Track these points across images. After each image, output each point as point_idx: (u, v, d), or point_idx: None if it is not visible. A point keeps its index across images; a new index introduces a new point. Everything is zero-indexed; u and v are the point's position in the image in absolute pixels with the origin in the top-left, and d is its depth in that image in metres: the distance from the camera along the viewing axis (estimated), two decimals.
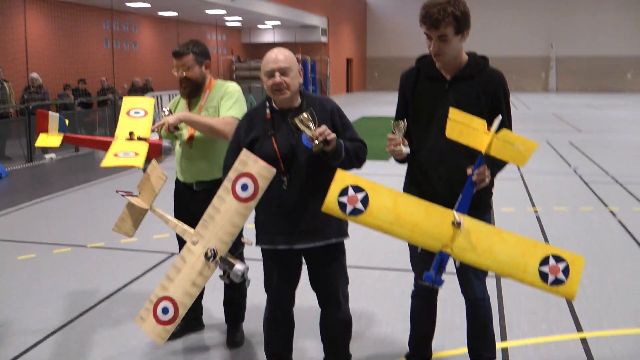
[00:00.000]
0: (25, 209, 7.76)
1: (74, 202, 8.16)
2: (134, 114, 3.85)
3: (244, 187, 2.70)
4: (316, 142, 2.76)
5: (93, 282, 5.06)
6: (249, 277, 2.78)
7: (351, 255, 3.45)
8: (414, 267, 3.22)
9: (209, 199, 2.89)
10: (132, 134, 3.63)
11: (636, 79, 36.53)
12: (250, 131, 3.03)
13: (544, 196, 8.09)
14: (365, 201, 2.64)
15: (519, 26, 37.01)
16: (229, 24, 27.00)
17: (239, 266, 2.74)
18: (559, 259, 2.58)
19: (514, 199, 7.88)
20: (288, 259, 3.08)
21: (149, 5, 19.11)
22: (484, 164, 2.70)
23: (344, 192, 2.64)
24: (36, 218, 7.35)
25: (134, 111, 3.88)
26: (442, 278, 2.64)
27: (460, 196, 2.70)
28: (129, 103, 3.94)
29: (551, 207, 7.50)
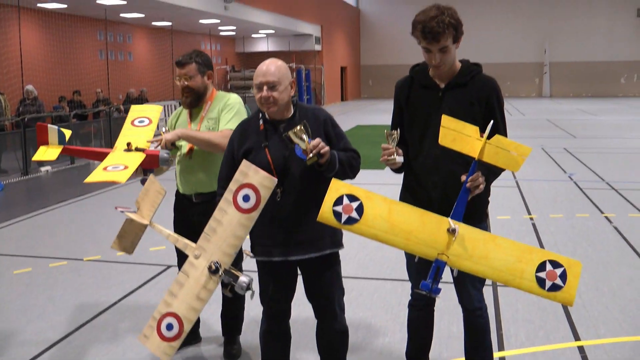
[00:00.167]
0: (21, 222, 7.73)
1: (70, 215, 8.13)
2: (138, 123, 3.85)
3: (246, 198, 2.70)
4: (310, 155, 2.77)
5: (90, 296, 5.04)
6: (253, 289, 2.77)
7: (347, 266, 3.45)
8: (410, 277, 3.23)
9: (207, 210, 2.88)
10: (129, 144, 3.63)
11: (629, 83, 36.73)
12: (244, 142, 3.03)
13: (539, 203, 8.10)
14: (360, 210, 2.64)
15: (512, 32, 37.22)
16: (223, 33, 27.06)
17: (243, 278, 2.74)
18: (555, 265, 2.56)
19: (510, 207, 7.89)
20: (283, 270, 3.08)
21: (142, 16, 19.14)
22: (478, 170, 2.71)
23: (338, 201, 2.65)
24: (32, 231, 7.32)
25: (138, 120, 3.87)
26: (439, 287, 2.64)
27: (455, 203, 2.71)
28: (135, 112, 3.93)
29: (547, 214, 7.51)
